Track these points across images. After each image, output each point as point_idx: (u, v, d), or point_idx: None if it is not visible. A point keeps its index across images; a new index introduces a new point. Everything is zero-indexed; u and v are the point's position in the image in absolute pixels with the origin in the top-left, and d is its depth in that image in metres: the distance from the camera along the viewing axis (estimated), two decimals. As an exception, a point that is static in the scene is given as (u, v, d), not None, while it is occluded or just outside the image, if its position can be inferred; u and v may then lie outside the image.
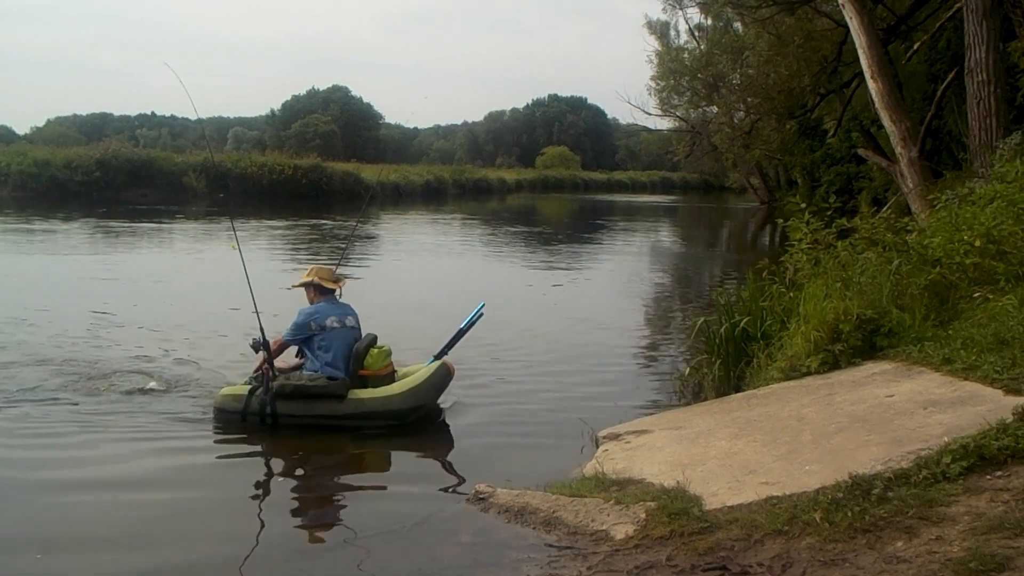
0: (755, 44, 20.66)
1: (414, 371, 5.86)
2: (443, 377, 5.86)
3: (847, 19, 11.39)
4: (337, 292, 6.05)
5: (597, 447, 4.90)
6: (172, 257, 15.84)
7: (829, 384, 4.91)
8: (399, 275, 14.19)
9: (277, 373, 5.67)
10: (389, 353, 5.88)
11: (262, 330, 5.65)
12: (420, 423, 5.72)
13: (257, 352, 5.70)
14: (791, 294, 6.15)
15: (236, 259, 5.84)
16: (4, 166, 29.72)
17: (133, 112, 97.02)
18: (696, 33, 35.88)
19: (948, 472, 3.06)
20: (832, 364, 5.23)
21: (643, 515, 3.39)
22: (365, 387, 5.72)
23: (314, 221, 23.94)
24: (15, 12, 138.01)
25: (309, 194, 33.37)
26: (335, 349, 5.71)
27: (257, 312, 5.67)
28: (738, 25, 27.55)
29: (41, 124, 76.83)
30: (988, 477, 3.01)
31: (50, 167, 29.75)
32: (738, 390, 5.81)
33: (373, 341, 5.90)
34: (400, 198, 39.22)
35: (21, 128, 74.83)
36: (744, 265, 12.65)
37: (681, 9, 33.12)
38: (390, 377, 5.81)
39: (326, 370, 5.64)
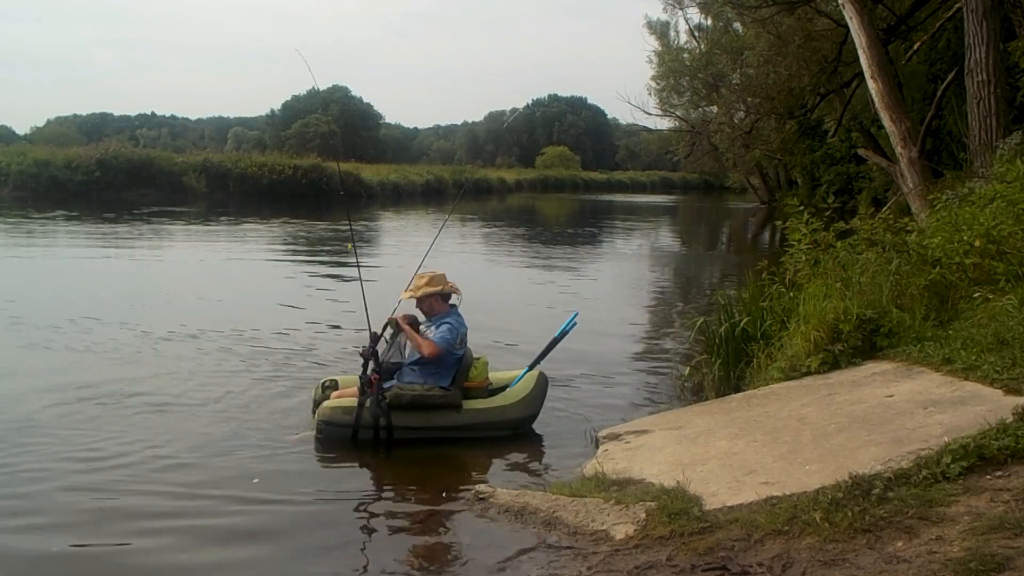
0: (755, 44, 20.64)
1: (508, 380, 5.69)
2: (546, 386, 5.68)
3: (847, 19, 11.38)
4: (457, 300, 5.68)
5: (597, 447, 4.91)
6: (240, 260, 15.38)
7: (829, 384, 4.91)
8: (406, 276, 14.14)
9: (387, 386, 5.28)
10: (487, 364, 5.70)
11: (372, 336, 5.29)
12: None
13: (367, 361, 5.25)
14: (791, 294, 6.16)
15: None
16: (4, 166, 29.67)
17: (133, 112, 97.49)
18: (696, 33, 35.99)
19: (948, 472, 3.07)
20: (832, 364, 5.23)
21: (643, 515, 3.40)
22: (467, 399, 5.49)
23: (312, 222, 23.94)
24: (16, 12, 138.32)
25: (309, 194, 33.39)
26: (452, 365, 5.37)
27: (369, 322, 5.30)
28: (738, 25, 27.62)
29: (41, 124, 77.21)
30: (988, 477, 3.02)
31: (50, 167, 29.70)
32: (738, 390, 5.81)
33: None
34: (400, 198, 39.24)
35: (21, 128, 75.15)
36: (744, 265, 12.64)
37: (681, 9, 33.30)
38: (485, 389, 5.61)
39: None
